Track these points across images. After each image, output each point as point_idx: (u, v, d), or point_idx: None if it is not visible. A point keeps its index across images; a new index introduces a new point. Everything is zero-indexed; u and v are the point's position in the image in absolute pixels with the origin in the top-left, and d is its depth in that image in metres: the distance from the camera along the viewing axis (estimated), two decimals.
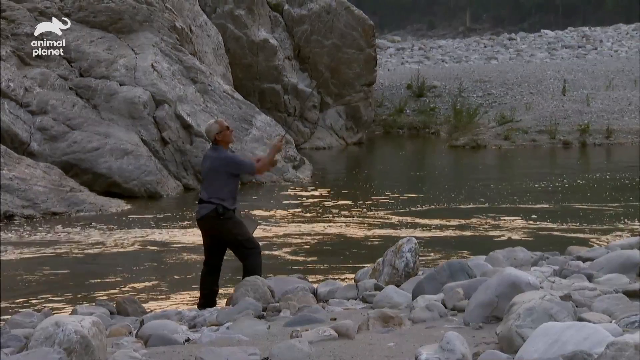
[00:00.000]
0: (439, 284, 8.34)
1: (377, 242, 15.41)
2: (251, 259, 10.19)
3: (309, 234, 16.45)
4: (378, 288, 9.09)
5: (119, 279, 13.05)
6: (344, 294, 9.38)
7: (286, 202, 20.75)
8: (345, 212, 18.89)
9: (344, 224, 17.37)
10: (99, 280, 12.91)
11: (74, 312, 9.26)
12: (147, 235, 16.34)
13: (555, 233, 15.99)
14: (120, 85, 22.77)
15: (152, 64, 23.40)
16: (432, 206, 19.49)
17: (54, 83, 22.41)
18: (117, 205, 19.57)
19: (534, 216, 17.76)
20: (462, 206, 19.43)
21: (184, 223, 17.50)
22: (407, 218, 17.90)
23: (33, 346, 5.79)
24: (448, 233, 16.19)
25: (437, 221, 17.34)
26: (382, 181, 25.68)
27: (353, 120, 35.85)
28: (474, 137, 33.53)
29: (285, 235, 16.30)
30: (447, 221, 17.33)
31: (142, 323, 8.30)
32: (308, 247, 15.38)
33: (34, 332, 5.97)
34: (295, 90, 34.12)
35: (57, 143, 21.32)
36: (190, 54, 25.40)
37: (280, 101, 33.90)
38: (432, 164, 30.46)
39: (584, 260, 9.78)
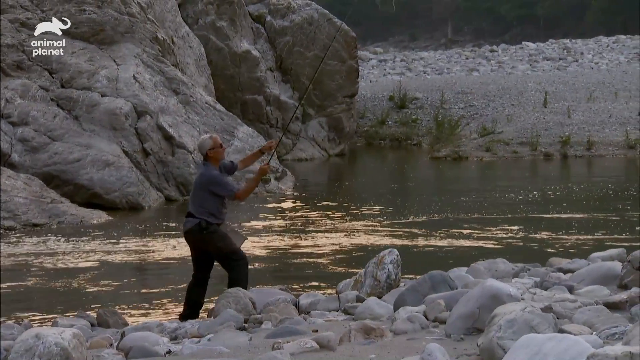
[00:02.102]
0: (421, 295, 8.35)
1: (358, 254, 15.40)
2: (237, 270, 10.22)
3: (290, 246, 16.44)
4: (360, 300, 9.10)
5: (99, 290, 13.00)
6: (326, 305, 9.38)
7: (268, 213, 20.73)
8: (327, 224, 18.89)
9: (325, 236, 17.36)
10: (79, 292, 12.85)
11: (54, 324, 9.23)
12: (129, 247, 16.29)
13: (538, 244, 16.02)
14: (102, 96, 22.72)
15: (133, 75, 23.37)
16: (414, 217, 19.50)
17: (35, 94, 22.35)
18: (99, 216, 19.51)
19: (516, 227, 17.79)
20: (444, 217, 19.46)
21: (165, 234, 17.46)
22: (389, 229, 17.91)
23: (13, 358, 5.76)
24: (430, 244, 16.20)
25: (418, 232, 17.36)
26: (364, 192, 25.69)
27: (335, 131, 35.87)
28: (455, 148, 33.61)
29: (267, 247, 16.29)
30: (428, 232, 17.34)
31: (123, 335, 8.27)
32: (289, 258, 15.36)
33: (14, 344, 5.94)
34: (277, 102, 34.13)
35: (38, 154, 21.26)
36: (172, 65, 25.38)
37: (263, 112, 33.89)
38: (414, 176, 30.49)
39: (565, 271, 9.82)
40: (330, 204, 22.21)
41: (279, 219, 19.79)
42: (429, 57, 62.97)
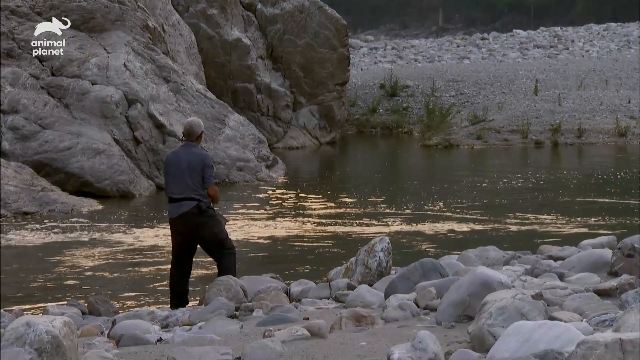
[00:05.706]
0: (412, 283, 8.35)
1: (350, 242, 15.41)
2: (227, 259, 10.15)
3: (282, 233, 16.44)
4: (351, 287, 9.10)
5: (90, 278, 12.99)
6: (317, 293, 9.38)
7: (259, 201, 20.72)
8: (318, 212, 18.89)
9: (316, 223, 17.37)
10: (70, 280, 12.85)
11: (45, 312, 9.22)
12: (119, 235, 16.28)
13: (528, 232, 16.04)
14: (93, 84, 22.66)
15: (124, 63, 23.30)
16: (405, 205, 19.52)
17: (26, 82, 22.27)
18: (89, 204, 19.48)
19: (506, 214, 17.81)
20: (435, 205, 19.47)
21: (156, 222, 17.44)
22: (380, 217, 17.92)
23: (3, 346, 5.75)
24: (421, 232, 16.22)
25: (410, 219, 17.37)
26: (355, 180, 25.70)
27: (326, 119, 35.86)
28: (446, 136, 33.63)
29: (259, 235, 16.29)
30: (419, 219, 17.36)
31: (114, 323, 8.27)
32: (281, 246, 15.37)
33: (4, 332, 5.93)
34: (268, 90, 34.09)
35: (29, 142, 21.20)
36: (163, 53, 25.32)
37: (253, 100, 33.85)
38: (404, 164, 30.51)
39: (556, 259, 9.82)
40: (321, 191, 22.22)
41: (271, 207, 19.79)
42: (420, 45, 62.97)
